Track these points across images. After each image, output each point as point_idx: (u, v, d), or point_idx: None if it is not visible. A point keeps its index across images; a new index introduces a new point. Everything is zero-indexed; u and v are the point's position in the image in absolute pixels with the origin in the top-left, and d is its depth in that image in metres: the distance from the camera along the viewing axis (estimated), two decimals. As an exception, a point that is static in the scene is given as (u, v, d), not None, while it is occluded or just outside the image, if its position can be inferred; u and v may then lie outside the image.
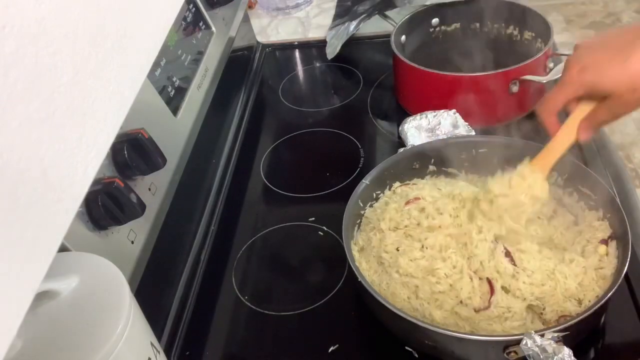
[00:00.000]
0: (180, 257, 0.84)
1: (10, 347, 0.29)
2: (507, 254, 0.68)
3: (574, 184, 0.77)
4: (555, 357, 0.56)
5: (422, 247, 0.71)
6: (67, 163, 0.34)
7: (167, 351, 0.74)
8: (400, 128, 0.93)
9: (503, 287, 0.67)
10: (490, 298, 0.66)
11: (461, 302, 0.67)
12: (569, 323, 0.60)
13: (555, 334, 0.58)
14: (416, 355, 0.69)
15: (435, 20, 1.13)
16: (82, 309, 0.50)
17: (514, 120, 0.99)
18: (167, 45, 0.86)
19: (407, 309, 0.68)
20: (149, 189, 0.74)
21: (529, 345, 0.58)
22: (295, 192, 0.96)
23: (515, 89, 0.94)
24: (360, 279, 0.67)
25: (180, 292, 0.81)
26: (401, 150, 0.87)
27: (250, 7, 1.41)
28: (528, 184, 0.69)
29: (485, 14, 1.09)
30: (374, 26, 1.22)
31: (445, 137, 0.88)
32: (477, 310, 0.66)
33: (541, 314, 0.66)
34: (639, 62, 0.59)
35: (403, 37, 1.09)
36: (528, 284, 0.67)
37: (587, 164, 0.85)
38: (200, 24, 0.98)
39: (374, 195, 0.82)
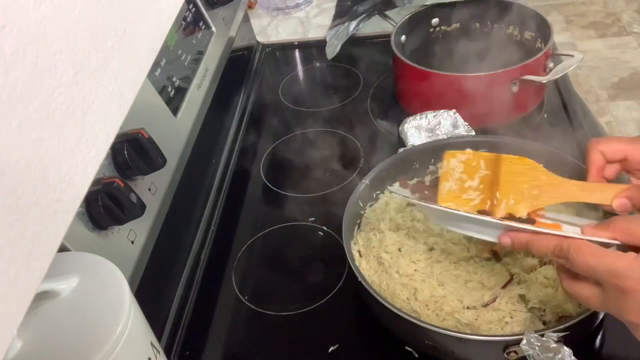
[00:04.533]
0: (180, 257, 0.84)
1: (10, 347, 0.29)
2: None
3: (573, 184, 0.77)
4: (556, 357, 0.56)
5: (430, 249, 0.72)
6: (67, 163, 0.34)
7: (167, 351, 0.74)
8: (400, 128, 0.93)
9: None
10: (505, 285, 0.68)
11: (465, 306, 0.67)
12: (569, 323, 0.60)
13: (555, 334, 0.58)
14: (416, 355, 0.69)
15: (435, 20, 1.13)
16: (82, 309, 0.50)
17: (514, 120, 0.99)
18: (167, 45, 0.86)
19: (407, 310, 0.68)
20: (149, 189, 0.74)
21: (529, 345, 0.57)
22: (295, 192, 0.96)
23: (515, 89, 0.94)
24: (360, 279, 0.67)
25: (180, 292, 0.81)
26: (401, 150, 0.86)
27: (250, 7, 1.41)
28: None
29: (485, 13, 1.09)
30: (374, 26, 1.22)
31: (445, 137, 0.88)
32: (484, 305, 0.67)
33: (542, 315, 0.66)
34: None
35: (403, 37, 1.09)
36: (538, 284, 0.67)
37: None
38: (200, 24, 0.98)
39: (374, 195, 0.82)
